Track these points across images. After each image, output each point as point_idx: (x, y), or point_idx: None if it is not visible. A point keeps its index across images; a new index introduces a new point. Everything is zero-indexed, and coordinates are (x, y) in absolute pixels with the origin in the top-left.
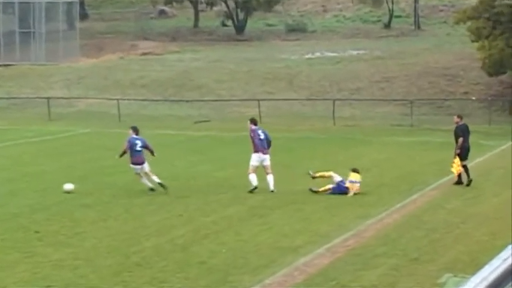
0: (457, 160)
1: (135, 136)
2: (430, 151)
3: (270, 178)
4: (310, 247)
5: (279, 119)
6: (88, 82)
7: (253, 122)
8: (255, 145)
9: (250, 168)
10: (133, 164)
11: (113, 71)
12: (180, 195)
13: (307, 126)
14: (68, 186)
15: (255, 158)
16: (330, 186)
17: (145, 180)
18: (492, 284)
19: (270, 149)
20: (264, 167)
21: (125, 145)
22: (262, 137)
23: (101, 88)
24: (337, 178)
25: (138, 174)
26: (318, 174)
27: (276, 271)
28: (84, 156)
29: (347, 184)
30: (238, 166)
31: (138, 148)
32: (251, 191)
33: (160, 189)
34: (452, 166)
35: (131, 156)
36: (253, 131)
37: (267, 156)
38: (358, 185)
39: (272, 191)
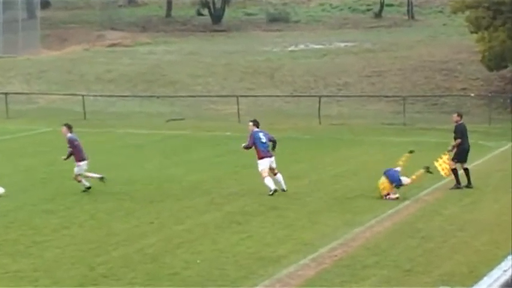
0: (445, 157)
1: (72, 134)
2: (424, 152)
3: (280, 177)
4: (294, 257)
5: (259, 117)
6: (50, 76)
7: (256, 123)
8: (259, 151)
9: (263, 173)
10: (84, 160)
11: (78, 64)
12: (151, 201)
13: (290, 125)
14: None
15: (265, 163)
16: (398, 169)
17: (85, 181)
18: None
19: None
20: (270, 168)
21: (72, 145)
22: (264, 140)
23: (64, 83)
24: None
25: (80, 175)
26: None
27: (256, 283)
28: (46, 158)
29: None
30: (214, 169)
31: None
32: (271, 194)
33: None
34: (437, 161)
35: (80, 153)
36: (253, 134)
37: (273, 159)
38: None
39: (284, 190)
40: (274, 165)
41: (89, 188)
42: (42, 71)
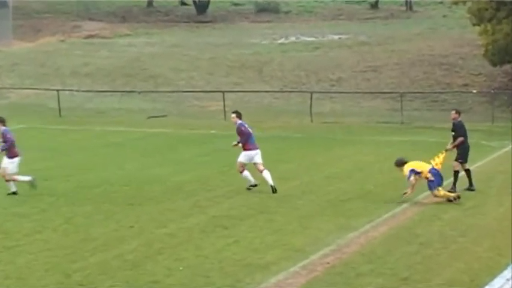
0: (442, 156)
1: (6, 128)
2: (422, 152)
3: (267, 174)
4: (284, 264)
5: (247, 114)
6: (22, 69)
7: (239, 115)
8: (246, 143)
9: (239, 165)
10: (17, 156)
11: (52, 57)
12: (131, 203)
13: (280, 123)
14: None
15: (245, 156)
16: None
17: (12, 183)
18: None
19: None
20: (255, 164)
21: (8, 138)
22: (251, 130)
23: (37, 77)
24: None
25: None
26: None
27: None
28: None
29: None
30: (199, 169)
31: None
32: (249, 188)
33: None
34: (434, 160)
35: (13, 148)
36: (241, 125)
37: (259, 151)
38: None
39: (273, 187)
40: (259, 160)
41: (14, 193)
42: (15, 63)
